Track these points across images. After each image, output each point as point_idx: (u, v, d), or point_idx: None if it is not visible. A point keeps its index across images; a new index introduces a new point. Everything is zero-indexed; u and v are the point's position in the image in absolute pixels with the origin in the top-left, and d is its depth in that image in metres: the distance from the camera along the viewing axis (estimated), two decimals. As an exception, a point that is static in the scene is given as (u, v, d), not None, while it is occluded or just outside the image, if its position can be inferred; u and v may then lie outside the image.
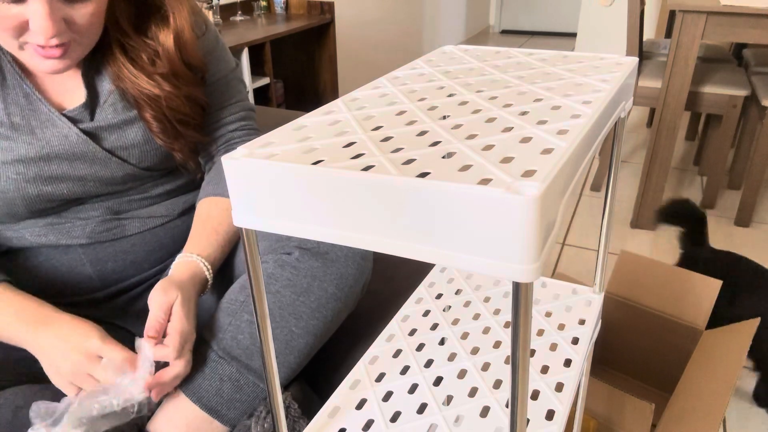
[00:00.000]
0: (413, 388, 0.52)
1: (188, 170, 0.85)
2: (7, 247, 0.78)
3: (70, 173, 0.72)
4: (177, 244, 0.88)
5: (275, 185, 0.32)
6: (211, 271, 0.75)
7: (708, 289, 1.10)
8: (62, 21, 0.62)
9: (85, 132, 0.72)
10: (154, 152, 0.78)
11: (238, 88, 0.87)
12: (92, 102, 0.74)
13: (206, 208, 0.80)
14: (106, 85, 0.74)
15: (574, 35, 3.69)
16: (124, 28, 0.72)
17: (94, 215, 0.77)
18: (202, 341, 0.71)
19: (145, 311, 0.86)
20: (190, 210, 0.86)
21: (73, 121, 0.72)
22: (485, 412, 0.48)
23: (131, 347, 0.68)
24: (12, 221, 0.75)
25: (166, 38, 0.73)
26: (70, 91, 0.73)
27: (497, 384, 0.52)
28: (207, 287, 0.75)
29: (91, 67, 0.74)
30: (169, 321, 0.67)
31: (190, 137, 0.79)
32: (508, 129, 0.36)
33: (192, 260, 0.74)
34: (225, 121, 0.85)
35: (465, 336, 0.58)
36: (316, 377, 0.79)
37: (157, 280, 0.87)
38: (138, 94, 0.73)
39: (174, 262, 0.74)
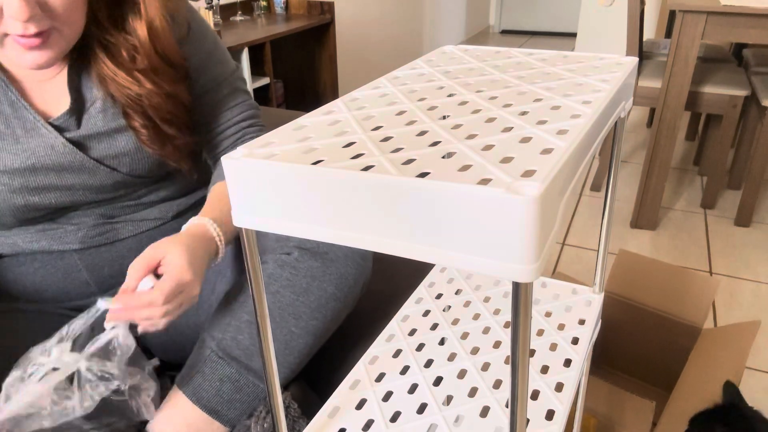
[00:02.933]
0: (413, 388, 0.52)
1: (182, 174, 0.84)
2: None
3: (57, 183, 0.72)
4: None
5: (275, 185, 0.32)
6: (218, 230, 0.72)
7: (707, 287, 1.10)
8: (36, 5, 0.61)
9: (71, 141, 0.71)
10: (145, 160, 0.77)
11: (244, 89, 0.87)
12: (78, 109, 0.73)
13: (217, 187, 0.79)
14: (92, 91, 0.73)
15: (574, 35, 3.69)
16: (102, 22, 0.71)
17: (86, 221, 0.77)
18: (201, 342, 0.71)
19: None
20: (183, 213, 0.85)
21: (60, 129, 0.71)
22: (485, 412, 0.48)
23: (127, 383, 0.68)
24: (2, 228, 0.75)
25: (141, 30, 0.72)
26: (56, 98, 0.72)
27: (497, 384, 0.52)
28: (219, 251, 0.73)
29: (76, 71, 0.73)
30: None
31: (178, 141, 0.77)
32: (508, 129, 0.36)
33: (198, 222, 0.72)
34: (237, 119, 0.85)
35: (465, 336, 0.58)
36: (316, 377, 0.79)
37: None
38: (121, 96, 0.72)
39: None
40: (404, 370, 0.54)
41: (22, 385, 0.61)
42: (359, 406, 0.50)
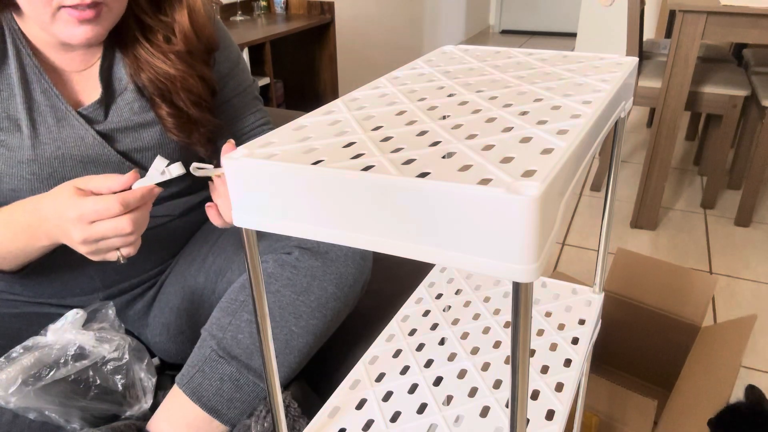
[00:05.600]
0: (413, 388, 0.52)
1: (204, 162, 0.85)
2: None
3: (82, 175, 0.72)
4: (177, 244, 0.88)
5: (275, 185, 0.32)
6: None
7: (705, 284, 1.10)
8: None
9: (100, 134, 0.73)
10: (166, 156, 0.78)
11: (261, 99, 0.91)
12: (107, 99, 0.74)
13: None
14: (122, 82, 0.75)
15: (574, 35, 3.69)
16: (141, 4, 0.73)
17: None
18: (202, 341, 0.71)
19: (146, 312, 0.86)
20: (190, 210, 0.86)
21: (89, 120, 0.72)
22: (485, 412, 0.49)
23: (129, 347, 0.68)
24: None
25: (180, 15, 0.74)
26: (88, 89, 0.74)
27: (497, 384, 0.52)
28: None
29: (109, 61, 0.74)
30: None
31: (205, 124, 0.79)
32: (508, 129, 0.36)
33: None
34: (258, 123, 0.88)
35: (465, 336, 0.58)
36: (316, 377, 0.79)
37: (158, 280, 0.87)
38: (154, 78, 0.73)
39: None
40: (404, 370, 0.54)
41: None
42: (359, 406, 0.50)
